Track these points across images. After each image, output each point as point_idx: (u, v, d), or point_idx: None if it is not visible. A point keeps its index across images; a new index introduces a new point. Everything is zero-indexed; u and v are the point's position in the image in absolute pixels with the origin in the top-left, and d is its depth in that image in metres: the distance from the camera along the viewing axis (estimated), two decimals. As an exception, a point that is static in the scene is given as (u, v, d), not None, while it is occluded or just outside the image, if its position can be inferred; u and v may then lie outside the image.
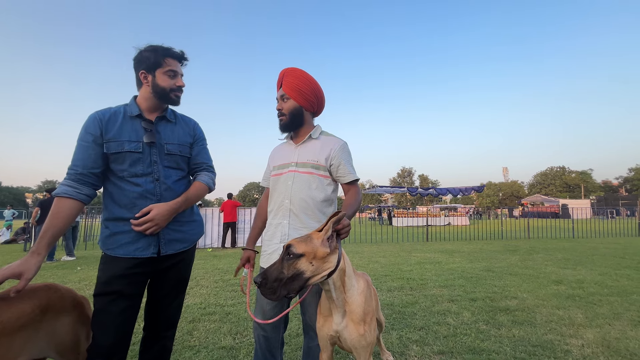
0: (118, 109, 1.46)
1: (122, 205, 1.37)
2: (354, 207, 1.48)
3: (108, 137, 1.37)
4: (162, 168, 1.44)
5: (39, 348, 1.19)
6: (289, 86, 1.63)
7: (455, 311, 3.29)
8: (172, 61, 1.48)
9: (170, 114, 1.56)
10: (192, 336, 2.71)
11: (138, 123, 1.44)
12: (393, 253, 7.87)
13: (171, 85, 1.47)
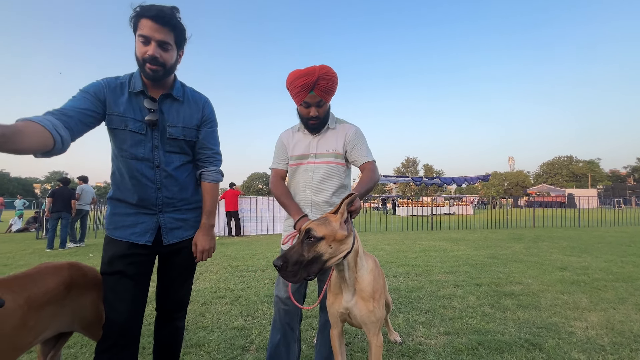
0: (124, 79, 1.35)
1: (122, 188, 1.36)
2: (368, 185, 1.51)
3: (112, 109, 1.29)
4: (163, 153, 1.37)
5: (65, 322, 1.25)
6: (325, 91, 1.57)
7: (461, 295, 3.34)
8: (145, 22, 1.22)
9: (178, 90, 1.41)
10: (204, 318, 2.79)
11: (141, 100, 1.33)
12: (398, 241, 7.93)
13: (142, 54, 1.25)
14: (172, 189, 1.39)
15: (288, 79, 1.60)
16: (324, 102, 1.62)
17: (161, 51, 1.26)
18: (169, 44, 1.27)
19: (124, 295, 1.30)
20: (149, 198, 1.35)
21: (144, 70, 1.28)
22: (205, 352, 2.17)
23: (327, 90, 1.58)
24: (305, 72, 1.53)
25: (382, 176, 20.32)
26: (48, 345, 1.37)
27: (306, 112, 1.63)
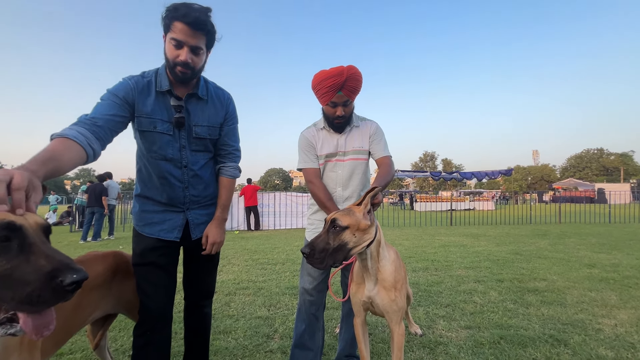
0: (150, 77, 1.34)
1: (150, 186, 1.40)
2: (387, 179, 1.57)
3: (140, 111, 1.29)
4: (189, 153, 1.40)
5: (111, 304, 1.37)
6: (352, 91, 1.62)
7: (482, 291, 3.31)
8: (180, 26, 1.20)
9: (202, 89, 1.41)
10: (230, 307, 2.92)
11: (168, 99, 1.34)
12: (416, 236, 7.87)
13: (173, 58, 1.25)
14: (198, 187, 1.45)
15: (315, 80, 1.63)
16: (350, 101, 1.66)
17: (193, 56, 1.26)
18: (201, 48, 1.28)
19: (157, 283, 1.38)
20: (177, 197, 1.41)
21: (173, 71, 1.29)
22: (233, 338, 2.28)
23: (354, 90, 1.63)
24: (334, 72, 1.56)
25: (400, 171, 20.09)
26: (97, 325, 1.51)
27: (332, 111, 1.66)
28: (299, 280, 1.82)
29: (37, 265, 0.64)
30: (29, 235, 0.68)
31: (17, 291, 0.62)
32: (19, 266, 0.63)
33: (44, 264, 0.64)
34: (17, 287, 0.62)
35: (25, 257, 0.65)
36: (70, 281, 0.64)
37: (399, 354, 1.39)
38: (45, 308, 0.66)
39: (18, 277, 0.62)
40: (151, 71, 1.37)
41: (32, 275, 0.63)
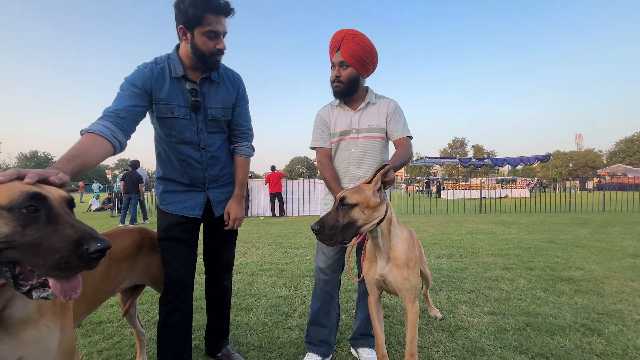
0: (164, 64, 1.36)
1: (171, 169, 1.48)
2: (403, 160, 1.50)
3: (158, 98, 1.33)
4: (207, 135, 1.46)
5: (138, 276, 1.47)
6: (350, 53, 1.58)
7: (510, 278, 3.18)
8: (213, 18, 1.25)
9: (214, 72, 1.44)
10: (252, 287, 3.04)
11: (183, 84, 1.38)
12: (442, 223, 7.65)
13: (211, 49, 1.30)
14: (216, 167, 1.52)
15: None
16: (347, 64, 1.60)
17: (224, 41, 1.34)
18: (226, 32, 1.36)
19: (180, 256, 1.47)
20: (197, 177, 1.48)
21: (207, 62, 1.33)
22: (254, 315, 2.38)
23: (354, 55, 1.57)
24: (335, 33, 1.58)
25: (427, 157, 19.48)
26: (126, 294, 1.63)
27: (332, 73, 1.66)
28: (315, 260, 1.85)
29: (64, 235, 0.69)
30: (54, 207, 0.72)
31: (47, 258, 0.67)
32: (48, 235, 0.68)
33: (70, 233, 0.69)
34: (47, 255, 0.67)
35: (53, 227, 0.69)
36: (95, 249, 0.68)
37: (412, 332, 1.38)
38: (73, 274, 0.71)
39: (47, 245, 0.67)
40: (163, 57, 1.40)
41: (60, 244, 0.67)
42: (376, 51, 1.65)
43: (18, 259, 0.68)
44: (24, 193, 0.69)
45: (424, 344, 1.91)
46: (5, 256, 0.67)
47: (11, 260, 0.68)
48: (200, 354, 1.83)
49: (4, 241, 0.66)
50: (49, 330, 0.88)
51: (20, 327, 0.82)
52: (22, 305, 0.84)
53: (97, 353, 1.85)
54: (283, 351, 1.86)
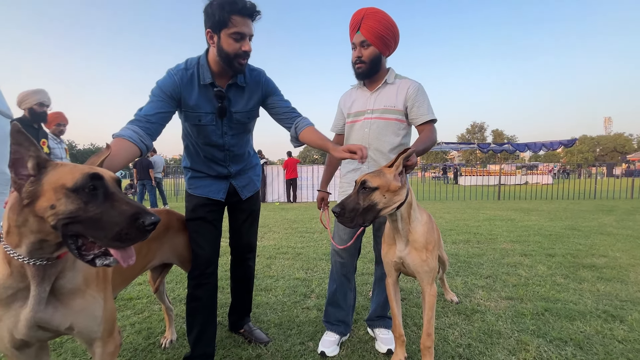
0: (193, 70, 1.40)
1: (197, 161, 1.58)
2: (426, 144, 1.49)
3: (187, 105, 1.40)
4: (230, 137, 1.53)
5: (166, 255, 1.55)
6: (371, 31, 1.54)
7: (528, 264, 3.13)
8: (239, 20, 1.28)
9: (240, 76, 1.47)
10: (270, 269, 3.14)
11: (211, 91, 1.42)
12: (459, 210, 7.55)
13: (236, 50, 1.31)
14: (238, 164, 1.63)
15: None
16: (369, 43, 1.57)
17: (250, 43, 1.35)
18: (252, 35, 1.36)
19: (206, 235, 1.56)
20: (221, 172, 1.59)
21: (232, 64, 1.34)
22: (273, 295, 2.47)
23: (375, 33, 1.54)
24: (355, 13, 1.55)
25: (444, 143, 19.02)
26: (155, 272, 1.73)
27: (353, 55, 1.63)
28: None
29: (121, 210, 0.77)
30: (109, 185, 0.81)
31: (108, 231, 0.76)
32: (107, 211, 0.77)
33: (126, 209, 0.78)
34: (108, 228, 0.76)
35: (110, 204, 0.78)
36: (150, 222, 0.77)
37: (429, 313, 1.41)
38: (131, 244, 0.79)
39: (107, 219, 0.76)
40: (194, 61, 1.42)
41: (119, 218, 0.76)
42: (397, 28, 1.61)
43: (82, 232, 0.77)
44: (85, 174, 0.77)
45: (440, 325, 1.94)
46: (71, 230, 0.76)
47: (75, 233, 0.77)
48: (224, 329, 1.94)
49: (69, 217, 0.75)
50: (94, 300, 0.96)
51: (70, 296, 0.91)
52: (72, 277, 0.92)
53: (129, 326, 1.99)
54: (302, 329, 1.94)
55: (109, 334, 1.01)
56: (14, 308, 0.85)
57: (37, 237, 0.78)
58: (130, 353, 1.71)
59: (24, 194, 0.76)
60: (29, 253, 0.80)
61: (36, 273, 0.83)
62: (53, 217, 0.75)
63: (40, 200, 0.75)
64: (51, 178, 0.77)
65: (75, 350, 1.72)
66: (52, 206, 0.75)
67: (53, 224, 0.75)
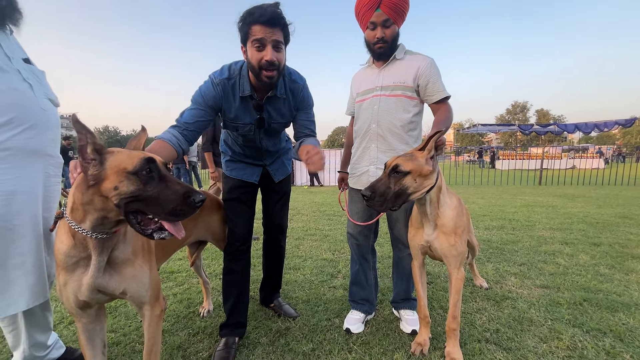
0: (235, 80, 1.42)
1: (236, 151, 1.69)
2: (447, 124, 1.44)
3: (226, 116, 1.48)
4: (267, 140, 1.63)
5: (201, 233, 1.67)
6: (393, 7, 1.47)
7: (569, 253, 2.96)
8: (259, 28, 1.26)
9: (280, 88, 1.47)
10: (299, 249, 3.25)
11: (249, 104, 1.47)
12: (494, 195, 7.19)
13: (258, 60, 1.30)
14: (272, 158, 1.74)
15: (356, 4, 1.55)
16: (391, 21, 1.51)
17: (276, 53, 1.30)
18: (281, 43, 1.32)
19: (240, 214, 1.67)
20: (256, 162, 1.71)
21: (259, 77, 1.34)
22: (301, 274, 2.57)
23: (396, 9, 1.47)
24: None
25: (480, 125, 17.95)
26: (192, 248, 1.88)
27: (372, 35, 1.55)
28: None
29: (174, 189, 0.88)
30: (161, 168, 0.92)
31: (165, 207, 0.87)
32: (163, 190, 0.88)
33: (179, 188, 0.89)
34: (164, 204, 0.87)
35: (165, 184, 0.89)
36: (199, 199, 0.89)
37: (456, 297, 1.40)
38: (184, 218, 0.90)
39: (164, 197, 0.87)
40: (236, 70, 1.43)
41: (174, 196, 0.87)
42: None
43: (142, 209, 0.88)
44: (143, 159, 0.89)
45: (467, 310, 1.93)
46: (132, 207, 0.88)
47: (136, 210, 0.88)
48: (255, 303, 2.07)
49: (131, 196, 0.86)
50: (142, 269, 1.08)
51: (122, 266, 1.03)
52: (123, 249, 1.04)
53: (172, 296, 2.19)
54: (329, 306, 2.01)
55: (155, 299, 1.13)
56: (77, 274, 0.99)
57: (100, 214, 0.90)
58: (174, 319, 1.89)
59: (90, 176, 0.87)
60: (92, 228, 0.91)
61: (96, 245, 0.95)
62: (117, 196, 0.85)
63: (105, 183, 0.86)
64: (113, 163, 0.87)
65: (127, 314, 1.94)
66: (116, 187, 0.85)
67: (116, 202, 0.86)
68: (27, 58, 1.20)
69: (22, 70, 1.14)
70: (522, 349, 1.54)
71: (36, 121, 1.15)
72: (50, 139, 1.21)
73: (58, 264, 0.99)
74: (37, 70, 1.23)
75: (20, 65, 1.14)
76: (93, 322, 1.11)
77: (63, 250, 0.96)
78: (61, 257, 0.97)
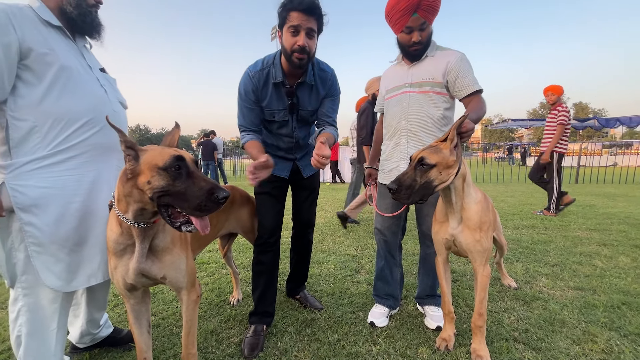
0: (268, 68, 1.54)
1: (268, 143, 1.74)
2: (478, 114, 1.41)
3: (263, 104, 1.59)
4: (298, 130, 1.68)
5: (232, 226, 1.76)
6: (430, 11, 1.48)
7: (607, 255, 2.80)
8: (296, 15, 1.36)
9: (310, 75, 1.57)
10: (322, 244, 3.30)
11: (281, 90, 1.56)
12: (524, 193, 6.88)
13: (291, 45, 1.39)
14: (302, 151, 1.79)
15: (388, 5, 1.54)
16: (428, 24, 1.51)
17: (308, 39, 1.40)
18: (314, 31, 1.41)
19: (270, 208, 1.73)
20: (286, 156, 1.76)
21: (291, 60, 1.43)
22: (325, 268, 2.63)
23: (432, 9, 1.47)
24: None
25: (510, 120, 17.11)
26: (223, 240, 1.98)
27: (408, 38, 1.55)
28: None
29: (200, 186, 0.93)
30: (190, 165, 0.97)
31: (191, 202, 0.92)
32: (189, 186, 0.93)
33: (204, 185, 0.93)
34: (191, 200, 0.92)
35: (192, 181, 0.94)
36: (222, 196, 0.92)
37: (482, 294, 1.39)
38: (208, 214, 0.95)
39: (190, 193, 0.92)
40: (269, 60, 1.55)
41: (199, 192, 0.92)
42: None
43: (171, 203, 0.95)
44: (172, 156, 0.95)
45: (494, 309, 1.89)
46: (163, 201, 0.95)
47: (166, 204, 0.95)
48: (282, 294, 2.15)
49: (162, 191, 0.93)
50: (179, 257, 1.17)
51: (162, 253, 1.13)
52: (163, 237, 1.13)
53: (204, 285, 2.32)
54: (353, 300, 2.05)
55: (192, 285, 1.23)
56: (124, 259, 1.09)
57: (139, 205, 0.98)
58: (206, 307, 2.01)
59: (128, 170, 0.96)
60: (134, 218, 1.00)
61: (139, 233, 1.05)
62: (150, 190, 0.93)
63: (140, 177, 0.94)
64: (147, 159, 0.95)
65: (165, 300, 2.09)
66: (149, 182, 0.93)
67: (150, 196, 0.94)
68: (102, 68, 1.37)
69: (100, 78, 1.30)
70: (552, 349, 1.50)
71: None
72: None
73: (109, 250, 1.10)
74: (110, 77, 1.40)
75: (98, 74, 1.30)
76: (139, 304, 1.22)
77: (113, 238, 1.07)
78: (111, 244, 1.08)
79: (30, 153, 1.12)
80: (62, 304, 1.21)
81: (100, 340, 1.57)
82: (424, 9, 1.45)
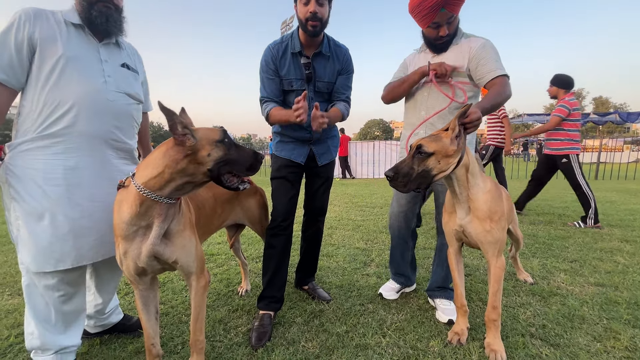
0: (287, 41, 1.64)
1: (286, 127, 1.73)
2: (495, 100, 1.35)
3: (282, 74, 1.64)
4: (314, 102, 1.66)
5: (238, 216, 1.75)
6: (458, 5, 1.46)
7: (629, 251, 2.68)
8: None
9: (326, 47, 1.65)
10: (332, 238, 3.28)
11: (299, 59, 1.63)
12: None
13: (305, 14, 1.50)
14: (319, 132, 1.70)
15: (412, 3, 1.51)
16: (455, 16, 1.48)
17: (318, 7, 1.49)
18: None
19: (285, 192, 1.73)
20: (304, 136, 1.74)
21: (305, 28, 1.53)
22: (334, 261, 2.60)
23: (459, 2, 1.44)
24: None
25: (526, 115, 16.59)
26: (231, 230, 1.98)
27: (435, 33, 1.54)
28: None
29: (246, 151, 1.12)
30: (231, 137, 1.12)
31: (244, 165, 1.10)
32: (240, 153, 1.10)
33: (248, 150, 1.12)
34: (243, 163, 1.10)
35: (239, 149, 1.11)
36: (262, 156, 1.13)
37: (495, 286, 1.34)
38: (256, 172, 1.14)
39: (242, 158, 1.10)
40: (288, 35, 1.68)
41: (247, 157, 1.11)
42: None
43: (229, 170, 1.09)
44: (222, 130, 1.10)
45: (509, 304, 1.83)
46: (223, 169, 1.07)
47: (227, 171, 1.09)
48: (290, 285, 2.13)
49: (222, 160, 1.06)
50: (190, 240, 1.18)
51: (175, 236, 1.14)
52: (177, 221, 1.15)
53: (213, 276, 2.33)
54: (362, 292, 2.02)
55: (201, 270, 1.22)
56: (136, 242, 1.09)
57: (185, 179, 1.05)
58: (215, 296, 2.01)
59: (187, 148, 1.02)
60: (170, 193, 1.05)
61: (161, 211, 1.06)
62: (211, 162, 1.04)
63: (200, 152, 1.03)
64: (204, 135, 1.04)
65: (174, 289, 2.10)
66: (209, 154, 1.04)
67: (210, 167, 1.04)
68: (124, 63, 1.39)
69: (105, 69, 1.30)
70: (572, 346, 1.44)
71: (99, 109, 1.27)
72: (114, 126, 1.33)
73: (118, 234, 1.09)
74: (128, 72, 1.40)
75: (108, 66, 1.31)
76: (148, 290, 1.22)
77: (126, 219, 1.05)
78: (123, 226, 1.07)
79: (23, 135, 1.21)
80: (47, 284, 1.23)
81: (111, 327, 1.59)
82: (451, 3, 1.42)
